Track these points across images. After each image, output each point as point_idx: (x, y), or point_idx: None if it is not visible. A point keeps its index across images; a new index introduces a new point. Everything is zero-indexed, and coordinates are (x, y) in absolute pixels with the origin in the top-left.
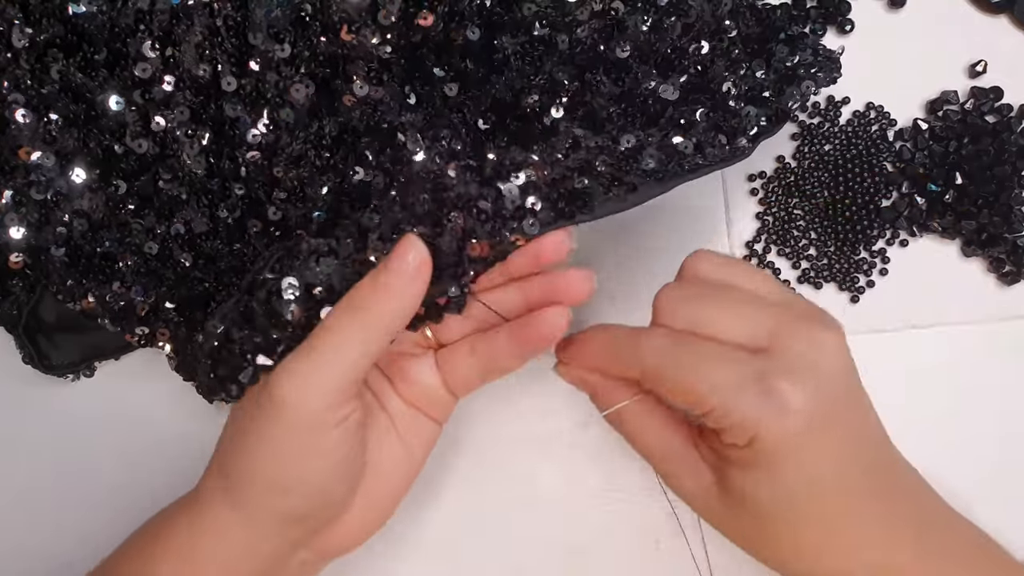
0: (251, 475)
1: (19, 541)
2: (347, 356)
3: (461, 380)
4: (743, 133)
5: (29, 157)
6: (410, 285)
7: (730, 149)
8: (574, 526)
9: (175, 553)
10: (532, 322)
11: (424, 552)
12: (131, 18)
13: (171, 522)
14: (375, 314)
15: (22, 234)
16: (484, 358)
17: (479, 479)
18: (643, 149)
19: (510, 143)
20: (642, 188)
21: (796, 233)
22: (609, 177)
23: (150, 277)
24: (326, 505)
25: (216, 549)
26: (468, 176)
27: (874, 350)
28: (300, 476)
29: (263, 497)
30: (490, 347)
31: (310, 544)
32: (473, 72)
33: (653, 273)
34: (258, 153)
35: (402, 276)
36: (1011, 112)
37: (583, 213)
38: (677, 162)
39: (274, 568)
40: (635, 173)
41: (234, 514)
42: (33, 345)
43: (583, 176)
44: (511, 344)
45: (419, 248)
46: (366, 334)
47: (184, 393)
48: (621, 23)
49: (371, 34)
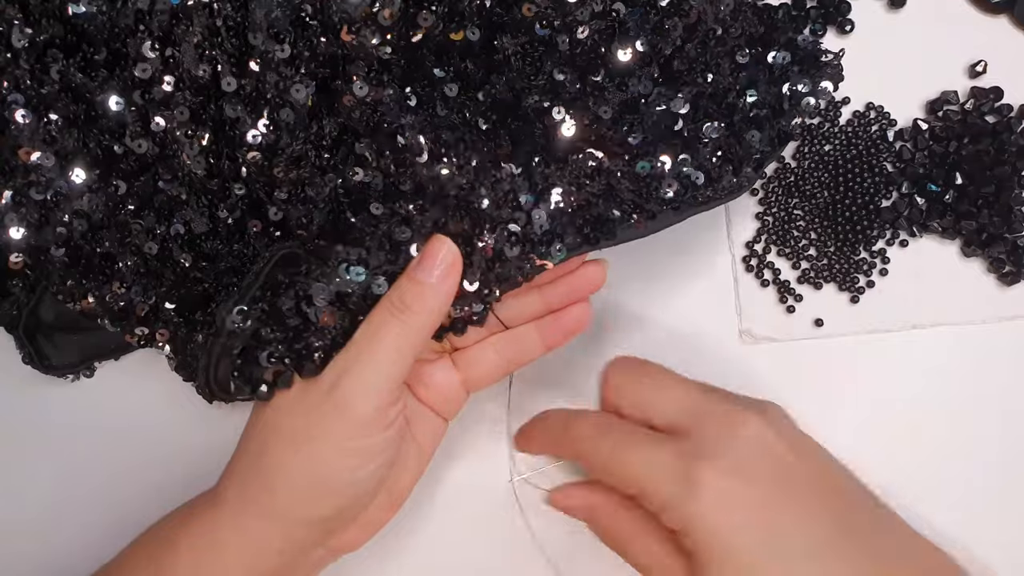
0: (292, 481)
1: (19, 541)
2: (394, 356)
3: (483, 377)
4: (749, 161)
5: (29, 157)
6: (443, 283)
7: (737, 181)
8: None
9: (192, 560)
10: (562, 318)
11: (418, 555)
12: (131, 18)
13: (186, 530)
14: (415, 313)
15: (22, 234)
16: (507, 356)
17: (479, 478)
18: (662, 179)
19: (517, 148)
20: (660, 216)
21: (796, 233)
22: (632, 204)
23: (150, 277)
24: (359, 506)
25: (240, 555)
26: (499, 197)
27: (874, 350)
28: (350, 479)
29: (301, 504)
30: (515, 345)
31: (327, 542)
32: (473, 72)
33: (652, 273)
34: (258, 153)
35: (436, 274)
36: (1011, 112)
37: (607, 239)
38: (691, 193)
39: (291, 568)
40: (655, 201)
41: (261, 522)
42: (33, 345)
43: (608, 202)
44: (540, 340)
45: (449, 246)
46: (409, 334)
47: (183, 393)
48: (622, 24)
49: (371, 35)
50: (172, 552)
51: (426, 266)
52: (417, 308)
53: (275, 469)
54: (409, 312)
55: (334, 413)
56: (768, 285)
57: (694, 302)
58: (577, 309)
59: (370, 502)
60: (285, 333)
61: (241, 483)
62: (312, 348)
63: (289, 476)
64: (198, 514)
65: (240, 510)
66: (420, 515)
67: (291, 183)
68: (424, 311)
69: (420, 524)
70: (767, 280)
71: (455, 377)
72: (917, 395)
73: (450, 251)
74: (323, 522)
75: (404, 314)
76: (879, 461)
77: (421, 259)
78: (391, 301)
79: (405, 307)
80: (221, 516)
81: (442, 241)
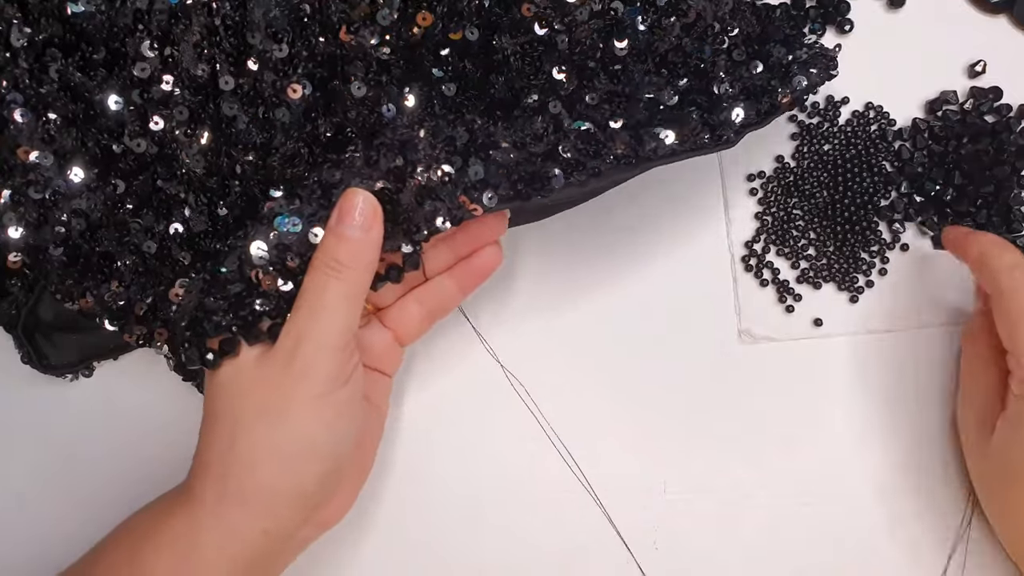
0: (273, 457)
1: (17, 541)
2: (343, 312)
3: (413, 329)
4: (728, 127)
5: (27, 156)
6: (369, 234)
7: (710, 139)
8: (572, 527)
9: (171, 549)
10: (474, 261)
11: (420, 552)
12: (129, 18)
13: (160, 535)
14: (351, 268)
15: (20, 234)
16: (430, 304)
17: (477, 479)
18: (615, 135)
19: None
20: (607, 172)
21: (795, 233)
22: (573, 163)
23: (148, 276)
24: (339, 471)
25: (223, 549)
26: (438, 142)
27: (874, 350)
28: (329, 438)
29: (287, 477)
30: (436, 293)
31: (312, 518)
32: (472, 72)
33: (650, 272)
34: (251, 156)
35: (358, 225)
36: (1010, 112)
37: (540, 195)
38: (652, 148)
39: (279, 550)
40: (602, 158)
41: (244, 508)
42: (31, 345)
43: (547, 161)
44: (458, 284)
45: (364, 196)
46: (350, 290)
47: (183, 393)
48: (620, 23)
49: (370, 35)
50: (153, 554)
51: (346, 221)
52: (353, 264)
53: (253, 451)
54: (345, 269)
55: (299, 379)
56: (767, 285)
57: (693, 302)
58: (487, 250)
59: (348, 465)
60: (228, 300)
61: (219, 476)
62: (257, 314)
63: (269, 453)
64: (172, 513)
65: (219, 502)
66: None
67: (285, 180)
68: (360, 266)
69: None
70: (766, 280)
71: (387, 335)
72: (916, 395)
73: (366, 200)
74: (307, 496)
75: (342, 272)
76: (879, 461)
77: (340, 214)
78: (325, 263)
79: (341, 265)
80: (198, 513)
81: (355, 192)
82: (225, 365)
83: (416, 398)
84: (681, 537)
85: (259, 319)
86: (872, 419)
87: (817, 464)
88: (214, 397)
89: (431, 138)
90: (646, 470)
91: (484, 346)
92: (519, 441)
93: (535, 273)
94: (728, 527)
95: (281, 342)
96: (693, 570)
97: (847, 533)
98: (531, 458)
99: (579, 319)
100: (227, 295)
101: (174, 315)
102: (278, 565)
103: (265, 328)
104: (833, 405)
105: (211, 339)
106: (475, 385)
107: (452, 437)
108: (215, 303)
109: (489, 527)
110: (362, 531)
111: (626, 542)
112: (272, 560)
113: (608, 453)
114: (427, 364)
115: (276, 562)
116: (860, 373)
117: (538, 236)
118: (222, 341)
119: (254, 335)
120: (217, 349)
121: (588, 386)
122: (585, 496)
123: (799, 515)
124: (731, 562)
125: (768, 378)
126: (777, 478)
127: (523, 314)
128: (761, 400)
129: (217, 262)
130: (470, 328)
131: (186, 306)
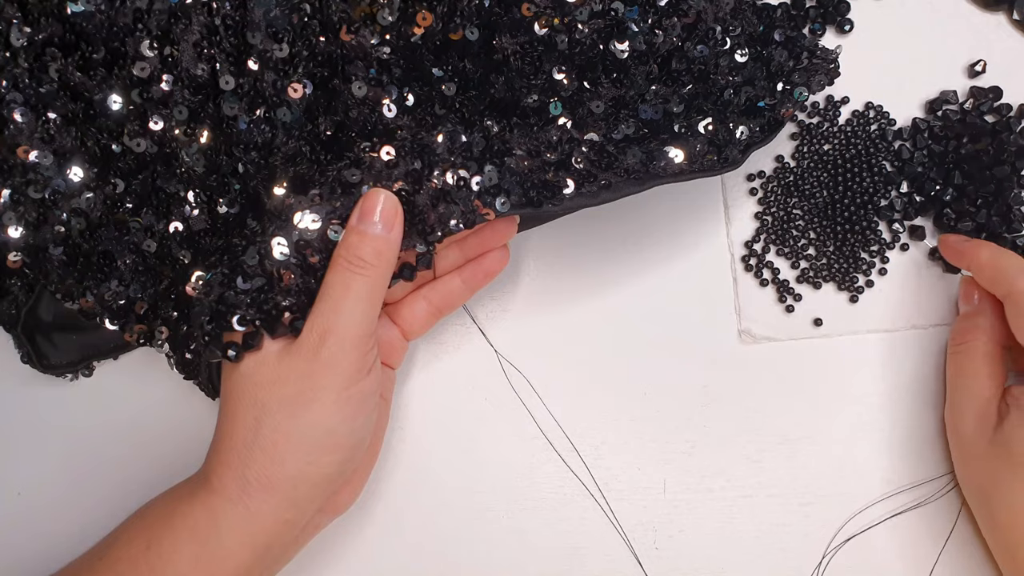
0: (298, 446)
1: (18, 541)
2: (365, 308)
3: (419, 325)
4: (734, 145)
5: (27, 156)
6: (391, 232)
7: (719, 160)
8: (572, 525)
9: (190, 536)
10: (483, 262)
11: (420, 552)
12: (129, 17)
13: (183, 514)
14: (373, 265)
15: (20, 233)
16: (438, 302)
17: (478, 478)
18: (627, 149)
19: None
20: (616, 185)
21: (795, 233)
22: (584, 173)
23: (148, 275)
24: (356, 458)
25: (243, 536)
26: (456, 147)
27: (874, 350)
28: (350, 428)
29: (310, 466)
30: (443, 291)
31: (325, 506)
32: (472, 72)
33: (650, 272)
34: (254, 155)
35: (379, 223)
36: (1010, 112)
37: (551, 203)
38: (662, 166)
39: (295, 536)
40: (613, 171)
41: (266, 495)
42: (31, 344)
43: (559, 170)
44: (465, 284)
45: (386, 195)
46: (372, 286)
47: (183, 392)
48: (621, 23)
49: (370, 35)
50: (172, 542)
51: (368, 219)
52: (375, 261)
53: (277, 442)
54: (368, 266)
55: (324, 372)
56: (767, 284)
57: (693, 302)
58: (495, 253)
59: (363, 452)
60: (250, 296)
61: (240, 465)
62: (280, 308)
63: (294, 444)
64: (190, 502)
65: (241, 491)
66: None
67: (287, 178)
68: (382, 263)
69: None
70: (766, 280)
71: (395, 331)
72: (916, 395)
73: (388, 199)
74: (328, 482)
75: (365, 269)
76: (879, 461)
77: (362, 213)
78: (348, 259)
79: (364, 262)
80: (217, 502)
81: (377, 192)
82: (247, 358)
83: (417, 394)
84: (681, 537)
85: (281, 314)
86: (872, 419)
87: (817, 464)
88: (235, 390)
89: (449, 143)
90: (646, 470)
91: (487, 344)
92: (519, 440)
93: (536, 273)
94: (728, 527)
95: (305, 336)
96: (693, 570)
97: (846, 532)
98: (532, 457)
99: (580, 319)
100: (248, 290)
101: (193, 310)
102: (291, 551)
103: (287, 322)
104: (833, 405)
105: (229, 334)
106: (475, 385)
107: (452, 437)
108: (237, 297)
109: (489, 526)
110: (361, 527)
111: (628, 541)
112: (288, 547)
113: (608, 453)
114: (429, 360)
115: (291, 548)
116: (860, 373)
117: (540, 235)
118: (246, 335)
119: (280, 331)
120: (240, 343)
121: (589, 385)
122: (585, 495)
123: (799, 515)
124: (731, 562)
125: (768, 378)
126: (777, 478)
127: (524, 313)
128: (761, 400)
129: (234, 256)
130: (472, 324)
131: (206, 301)
